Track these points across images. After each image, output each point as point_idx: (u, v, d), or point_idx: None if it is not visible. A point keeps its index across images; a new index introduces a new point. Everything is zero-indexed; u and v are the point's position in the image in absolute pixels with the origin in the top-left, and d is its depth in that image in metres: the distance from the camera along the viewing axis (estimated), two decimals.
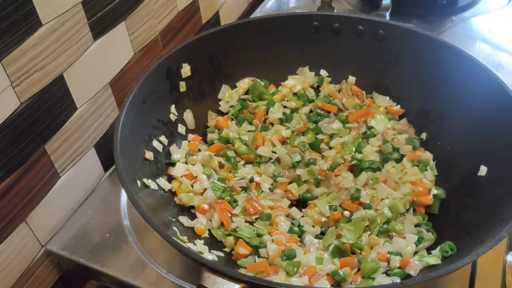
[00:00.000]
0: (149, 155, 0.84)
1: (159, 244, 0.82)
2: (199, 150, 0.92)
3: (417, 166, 0.89)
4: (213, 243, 0.80)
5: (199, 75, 0.96)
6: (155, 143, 0.87)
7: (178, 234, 0.77)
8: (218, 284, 0.62)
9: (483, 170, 0.81)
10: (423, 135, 0.94)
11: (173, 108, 0.92)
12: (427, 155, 0.90)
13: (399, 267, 0.73)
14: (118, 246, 0.84)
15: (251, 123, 0.97)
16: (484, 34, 1.24)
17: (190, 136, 0.94)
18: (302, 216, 0.84)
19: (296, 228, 0.82)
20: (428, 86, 0.94)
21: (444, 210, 0.83)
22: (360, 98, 1.00)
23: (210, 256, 0.76)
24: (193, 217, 0.83)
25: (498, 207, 0.73)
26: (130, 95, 0.82)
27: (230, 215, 0.82)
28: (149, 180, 0.81)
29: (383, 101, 0.99)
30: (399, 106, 0.98)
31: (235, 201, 0.83)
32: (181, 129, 0.93)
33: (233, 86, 1.01)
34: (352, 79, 1.02)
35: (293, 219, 0.84)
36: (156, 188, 0.83)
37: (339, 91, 1.02)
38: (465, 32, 1.25)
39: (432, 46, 0.92)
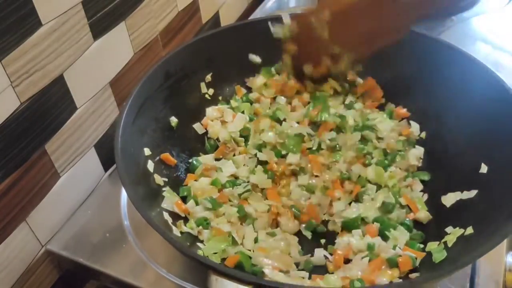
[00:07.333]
0: (149, 155, 0.84)
1: (159, 244, 0.82)
2: None
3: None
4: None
5: (197, 77, 0.96)
6: (154, 144, 0.87)
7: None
8: (226, 286, 0.61)
9: (483, 169, 0.81)
10: (423, 134, 0.94)
11: (172, 109, 0.92)
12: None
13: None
14: (118, 246, 0.84)
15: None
16: (484, 34, 1.24)
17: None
18: None
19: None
20: (428, 86, 0.94)
21: (444, 210, 0.83)
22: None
23: None
24: None
25: (499, 206, 0.73)
26: (130, 98, 0.81)
27: None
28: (149, 180, 0.81)
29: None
30: (405, 109, 0.97)
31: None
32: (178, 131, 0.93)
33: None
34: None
35: None
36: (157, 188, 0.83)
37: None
38: (465, 32, 1.25)
39: (432, 46, 0.92)
